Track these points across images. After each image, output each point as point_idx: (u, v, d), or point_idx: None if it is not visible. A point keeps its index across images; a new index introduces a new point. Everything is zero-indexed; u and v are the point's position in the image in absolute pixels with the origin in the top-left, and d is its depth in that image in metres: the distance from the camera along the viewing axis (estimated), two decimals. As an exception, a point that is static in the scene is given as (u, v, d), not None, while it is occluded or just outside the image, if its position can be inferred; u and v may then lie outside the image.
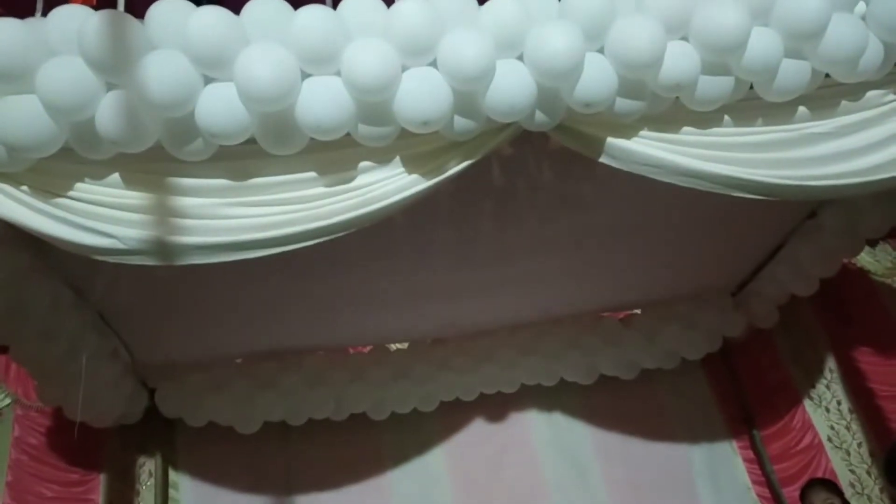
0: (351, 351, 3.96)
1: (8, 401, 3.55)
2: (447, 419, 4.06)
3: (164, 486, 3.66)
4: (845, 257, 3.67)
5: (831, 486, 3.46)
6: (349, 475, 3.92)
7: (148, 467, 3.70)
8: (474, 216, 2.93)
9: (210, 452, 3.79)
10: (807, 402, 4.23)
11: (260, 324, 3.28)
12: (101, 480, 3.43)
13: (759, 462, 4.13)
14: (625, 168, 2.08)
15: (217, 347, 3.44)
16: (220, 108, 1.76)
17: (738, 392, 4.26)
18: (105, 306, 2.92)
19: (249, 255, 1.97)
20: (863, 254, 4.22)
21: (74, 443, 3.28)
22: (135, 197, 1.95)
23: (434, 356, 3.93)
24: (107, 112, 1.76)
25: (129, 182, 1.95)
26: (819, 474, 3.91)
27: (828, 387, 4.25)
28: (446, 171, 2.02)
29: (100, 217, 1.93)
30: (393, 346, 4.03)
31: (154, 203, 1.94)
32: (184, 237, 1.90)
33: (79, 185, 1.95)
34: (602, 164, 2.22)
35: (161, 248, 1.90)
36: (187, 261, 1.95)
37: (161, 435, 3.74)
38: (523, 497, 3.96)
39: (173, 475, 3.75)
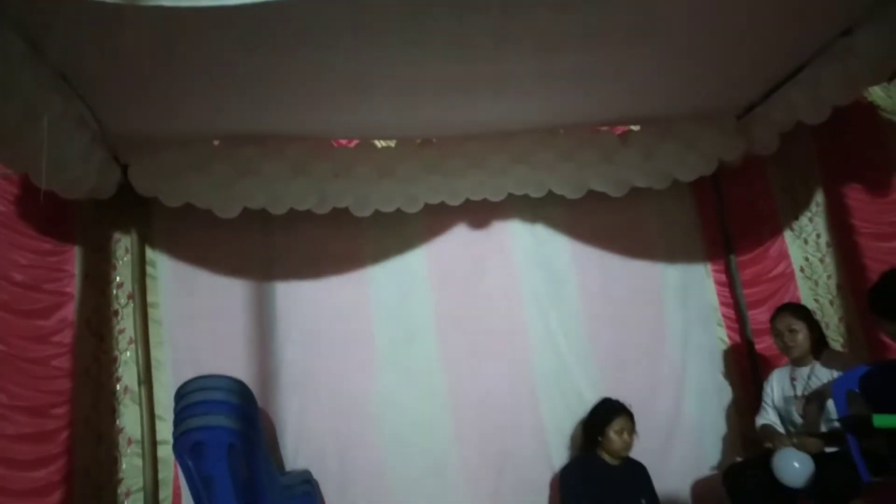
0: (335, 144, 3.69)
1: (-31, 165, 3.28)
2: (431, 221, 3.92)
3: (141, 262, 3.52)
4: (868, 84, 3.37)
5: (798, 310, 3.43)
6: (329, 267, 3.84)
7: (124, 243, 3.54)
8: (478, 2, 2.54)
9: (188, 234, 3.63)
10: (787, 233, 4.17)
11: (238, 102, 2.95)
12: (76, 252, 3.28)
13: (730, 285, 4.12)
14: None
15: (192, 123, 3.12)
16: None
17: (722, 217, 4.14)
18: (67, 66, 2.55)
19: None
20: (876, 87, 3.94)
21: (45, 212, 3.09)
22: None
23: (422, 157, 3.67)
24: None
25: None
26: (785, 300, 3.92)
27: (811, 220, 4.17)
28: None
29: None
30: (380, 143, 3.76)
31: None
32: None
33: None
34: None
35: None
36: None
37: (137, 212, 3.54)
38: (499, 301, 3.95)
39: (150, 253, 3.60)
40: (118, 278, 3.53)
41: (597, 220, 4.08)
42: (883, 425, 2.45)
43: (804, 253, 4.14)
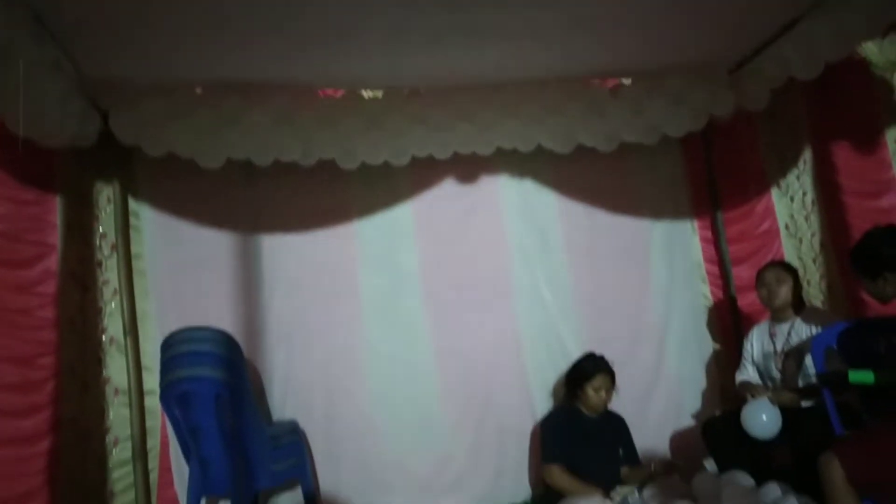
0: (321, 94, 3.60)
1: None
2: (418, 174, 3.86)
3: (124, 213, 3.45)
4: (861, 39, 3.32)
5: (788, 266, 3.47)
6: (316, 221, 3.79)
7: (106, 193, 3.46)
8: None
9: (172, 185, 3.56)
10: (774, 191, 4.17)
11: (222, 48, 2.85)
12: (58, 202, 3.20)
13: (715, 242, 4.13)
14: None
15: (174, 70, 3.02)
16: None
17: (710, 174, 4.12)
18: (42, 7, 2.44)
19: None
20: (869, 43, 3.88)
21: (25, 161, 3.00)
22: None
23: (410, 109, 3.59)
24: None
25: None
26: (770, 258, 3.94)
27: (798, 177, 4.16)
28: None
29: None
30: (367, 94, 3.67)
31: None
32: None
33: None
34: None
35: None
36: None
37: (119, 162, 3.45)
38: (486, 255, 3.94)
39: (133, 203, 3.52)
40: (101, 229, 3.46)
41: (585, 175, 4.05)
42: (858, 381, 2.49)
43: (790, 210, 4.15)
